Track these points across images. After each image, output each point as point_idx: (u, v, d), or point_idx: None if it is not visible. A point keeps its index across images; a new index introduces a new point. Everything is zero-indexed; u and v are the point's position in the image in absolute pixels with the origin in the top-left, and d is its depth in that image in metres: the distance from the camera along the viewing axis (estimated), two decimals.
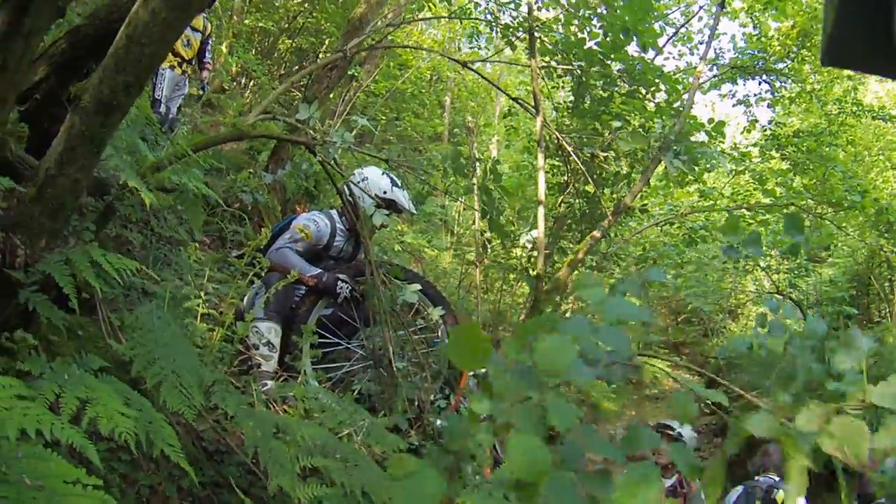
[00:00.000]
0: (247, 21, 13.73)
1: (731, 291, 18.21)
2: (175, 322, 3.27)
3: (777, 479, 6.63)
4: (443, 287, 11.67)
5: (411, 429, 4.91)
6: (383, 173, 5.82)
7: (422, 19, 12.46)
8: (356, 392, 5.09)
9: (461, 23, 11.94)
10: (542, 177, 5.62)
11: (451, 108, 20.20)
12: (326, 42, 14.33)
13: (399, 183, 5.88)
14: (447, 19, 13.42)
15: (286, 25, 14.11)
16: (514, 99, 7.37)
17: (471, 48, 10.37)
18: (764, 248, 7.26)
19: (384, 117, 15.41)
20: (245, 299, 5.29)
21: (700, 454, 15.94)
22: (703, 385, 8.40)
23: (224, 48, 12.70)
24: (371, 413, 4.75)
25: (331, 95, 11.99)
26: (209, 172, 7.04)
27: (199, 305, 4.15)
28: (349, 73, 12.37)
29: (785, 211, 11.75)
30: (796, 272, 13.56)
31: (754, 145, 11.42)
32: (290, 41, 14.31)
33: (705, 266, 12.01)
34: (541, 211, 5.19)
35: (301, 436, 3.01)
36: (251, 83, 13.34)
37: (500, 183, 5.52)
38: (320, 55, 13.84)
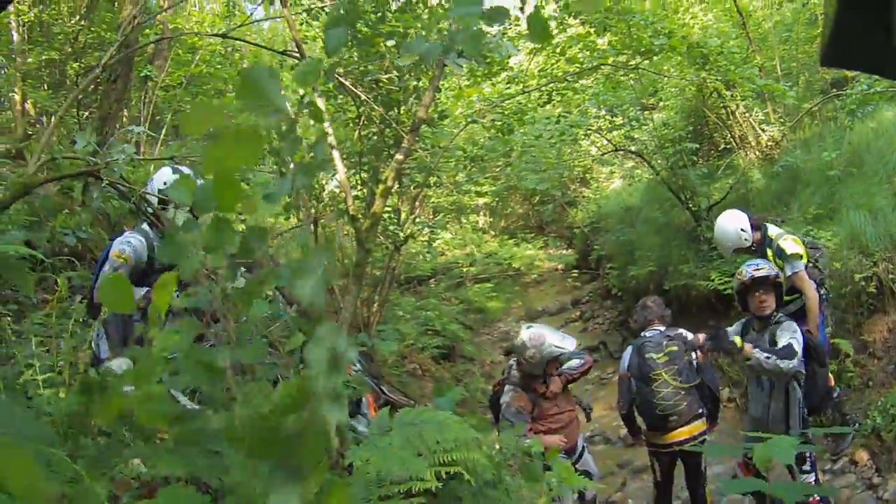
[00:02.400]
0: (30, 59, 13.05)
1: (571, 161, 18.42)
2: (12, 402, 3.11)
3: (662, 328, 6.79)
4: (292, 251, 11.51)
5: None
6: (174, 167, 5.62)
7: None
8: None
9: None
10: (330, 133, 5.52)
11: None
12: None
13: (186, 170, 5.67)
14: None
15: (70, 49, 13.43)
16: (279, 52, 7.16)
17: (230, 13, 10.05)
18: (589, 111, 7.31)
19: (188, 107, 15.01)
20: (93, 345, 5.11)
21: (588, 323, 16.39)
22: (576, 255, 8.50)
23: (17, 94, 12.12)
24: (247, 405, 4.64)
25: (132, 102, 11.57)
26: (30, 227, 6.73)
27: (32, 374, 3.95)
28: (141, 74, 11.93)
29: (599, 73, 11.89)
30: (630, 125, 13.70)
31: (549, 19, 11.39)
32: (78, 63, 13.68)
33: (532, 147, 12.02)
34: (336, 154, 5.07)
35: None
36: (52, 119, 12.79)
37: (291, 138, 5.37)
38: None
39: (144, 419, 1.52)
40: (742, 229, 7.53)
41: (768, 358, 5.96)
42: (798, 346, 5.87)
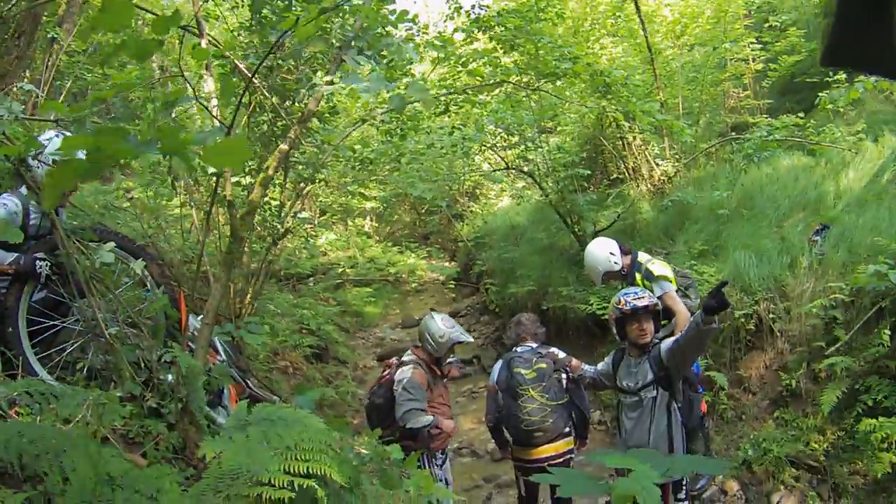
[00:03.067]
0: None
1: (462, 176, 18.47)
2: None
3: (535, 345, 6.85)
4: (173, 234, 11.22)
5: (145, 391, 4.67)
6: (57, 135, 5.42)
7: None
8: (84, 370, 4.82)
9: None
10: (214, 101, 5.37)
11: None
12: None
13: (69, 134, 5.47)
14: None
15: None
16: (182, 27, 6.95)
17: None
18: (485, 127, 7.23)
19: (90, 74, 14.47)
20: None
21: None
22: (457, 268, 8.49)
23: None
24: (107, 386, 4.50)
25: (35, 64, 11.09)
26: None
27: None
28: (48, 35, 11.48)
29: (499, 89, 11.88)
30: (525, 145, 13.73)
31: (456, 31, 11.29)
32: None
33: (422, 156, 11.98)
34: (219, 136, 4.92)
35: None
36: None
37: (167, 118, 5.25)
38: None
39: None
40: (612, 253, 7.60)
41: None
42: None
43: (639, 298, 6.08)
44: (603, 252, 7.68)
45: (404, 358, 6.96)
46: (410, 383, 6.61)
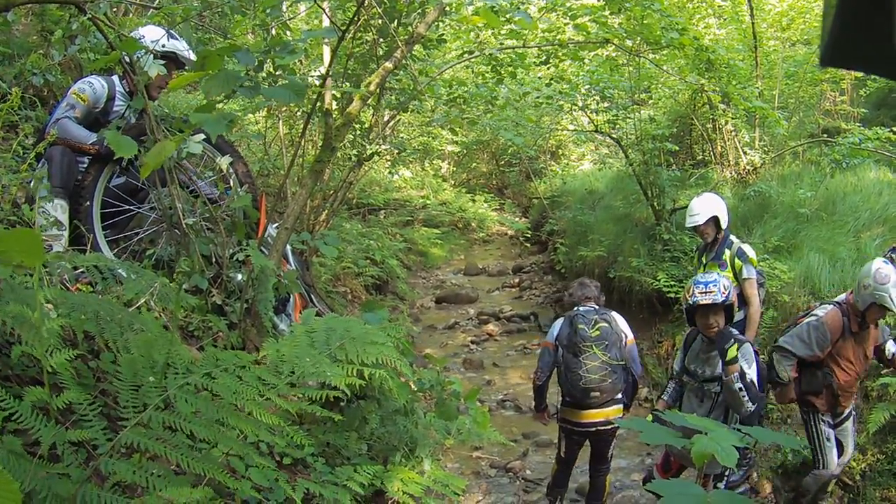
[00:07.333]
0: None
1: (549, 131, 18.28)
2: None
3: (596, 307, 6.78)
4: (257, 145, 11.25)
5: (212, 287, 4.69)
6: (160, 26, 5.43)
7: None
8: (153, 258, 4.84)
9: None
10: (326, 12, 5.31)
11: None
12: None
13: (177, 35, 5.48)
14: None
15: None
16: None
17: None
18: (580, 87, 7.09)
19: None
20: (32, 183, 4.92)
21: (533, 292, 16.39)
22: (528, 224, 8.39)
23: None
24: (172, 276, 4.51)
25: None
26: (0, 62, 6.59)
27: None
28: None
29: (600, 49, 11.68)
30: (616, 113, 13.53)
31: None
32: None
33: (516, 103, 11.79)
34: (325, 48, 4.87)
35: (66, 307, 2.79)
36: None
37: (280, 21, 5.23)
38: None
39: None
40: (717, 213, 7.58)
41: (740, 390, 5.76)
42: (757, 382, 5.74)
43: (706, 293, 5.82)
44: (712, 203, 7.66)
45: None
46: (815, 324, 6.28)
